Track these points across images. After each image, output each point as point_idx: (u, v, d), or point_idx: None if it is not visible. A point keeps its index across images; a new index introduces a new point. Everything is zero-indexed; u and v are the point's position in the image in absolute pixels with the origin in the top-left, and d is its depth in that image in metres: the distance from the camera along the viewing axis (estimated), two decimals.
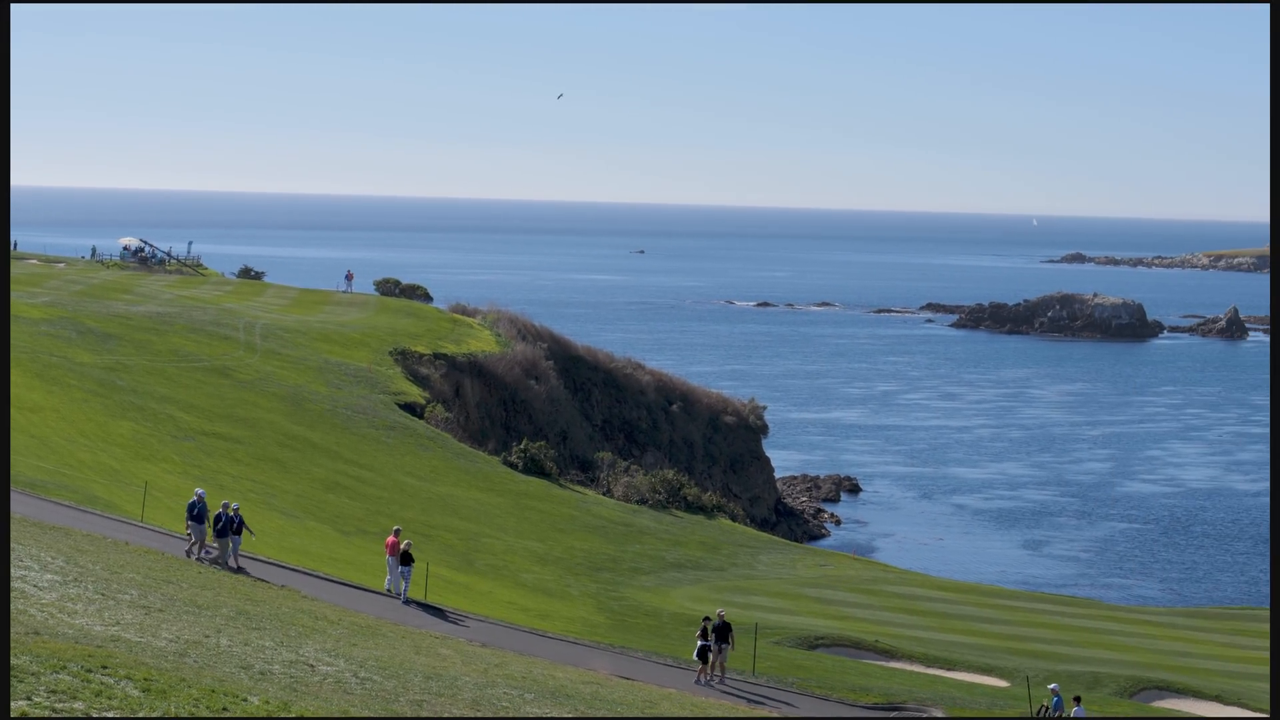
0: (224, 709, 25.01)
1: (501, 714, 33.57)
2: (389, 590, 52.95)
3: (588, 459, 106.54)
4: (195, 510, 50.24)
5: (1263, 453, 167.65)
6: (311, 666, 33.61)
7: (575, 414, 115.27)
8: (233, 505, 50.92)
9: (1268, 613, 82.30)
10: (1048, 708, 47.86)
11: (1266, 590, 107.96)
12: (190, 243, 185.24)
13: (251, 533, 52.61)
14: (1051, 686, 48.88)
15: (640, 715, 40.05)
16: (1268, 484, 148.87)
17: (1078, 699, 47.62)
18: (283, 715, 26.03)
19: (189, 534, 50.50)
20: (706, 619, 50.56)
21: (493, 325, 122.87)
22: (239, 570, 49.95)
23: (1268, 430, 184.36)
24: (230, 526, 50.22)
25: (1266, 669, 65.48)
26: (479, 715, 32.86)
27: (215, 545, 50.43)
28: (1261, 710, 56.01)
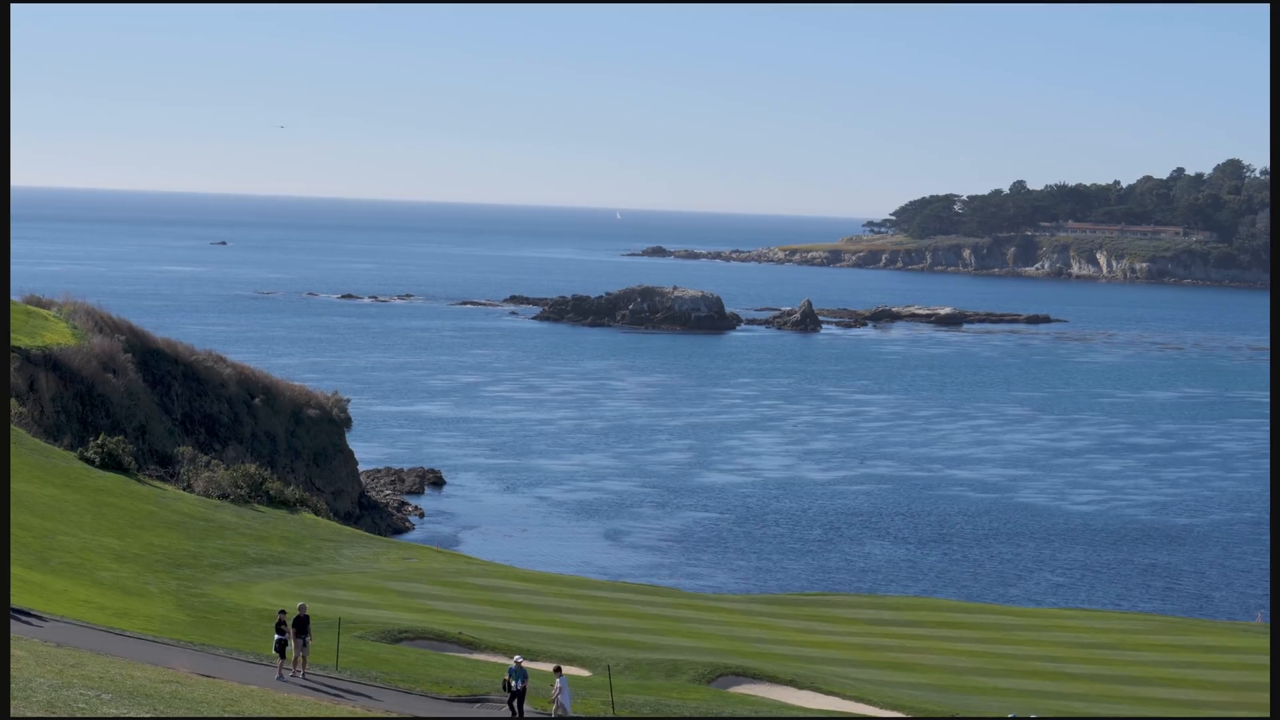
0: None
1: (78, 715, 32.82)
2: None
3: (168, 453, 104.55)
4: None
5: (835, 442, 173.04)
6: None
7: (154, 408, 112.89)
8: None
9: (843, 598, 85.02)
10: None
11: (839, 577, 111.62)
12: None
13: None
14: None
15: (221, 714, 39.53)
16: (839, 473, 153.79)
17: None
18: None
19: None
20: (283, 612, 50.08)
21: (69, 317, 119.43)
22: None
23: (839, 420, 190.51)
24: None
25: (838, 653, 67.73)
26: (54, 717, 32.08)
27: None
28: (833, 693, 57.92)
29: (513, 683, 47.07)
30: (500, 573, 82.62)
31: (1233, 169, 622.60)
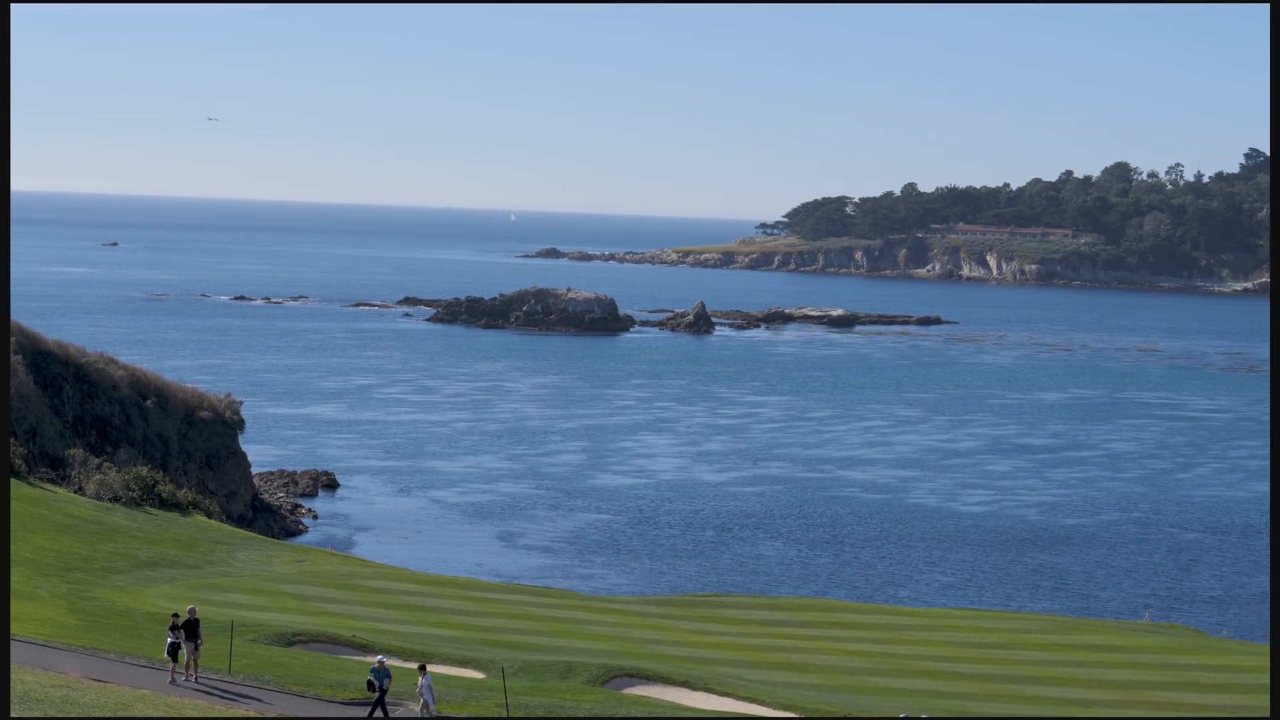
0: None
1: None
2: None
3: (58, 456, 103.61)
4: None
5: (728, 444, 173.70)
6: None
7: (45, 410, 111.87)
8: None
9: (736, 599, 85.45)
10: None
11: (732, 578, 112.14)
12: None
13: None
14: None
15: (113, 717, 39.41)
16: (732, 475, 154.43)
17: None
18: None
19: None
20: (175, 615, 49.91)
21: None
22: None
23: (732, 422, 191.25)
24: None
25: (731, 654, 68.11)
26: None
27: None
28: (726, 693, 58.28)
29: (376, 683, 47.26)
30: (394, 575, 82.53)
31: (1120, 171, 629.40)
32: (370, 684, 47.38)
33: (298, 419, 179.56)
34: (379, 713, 47.02)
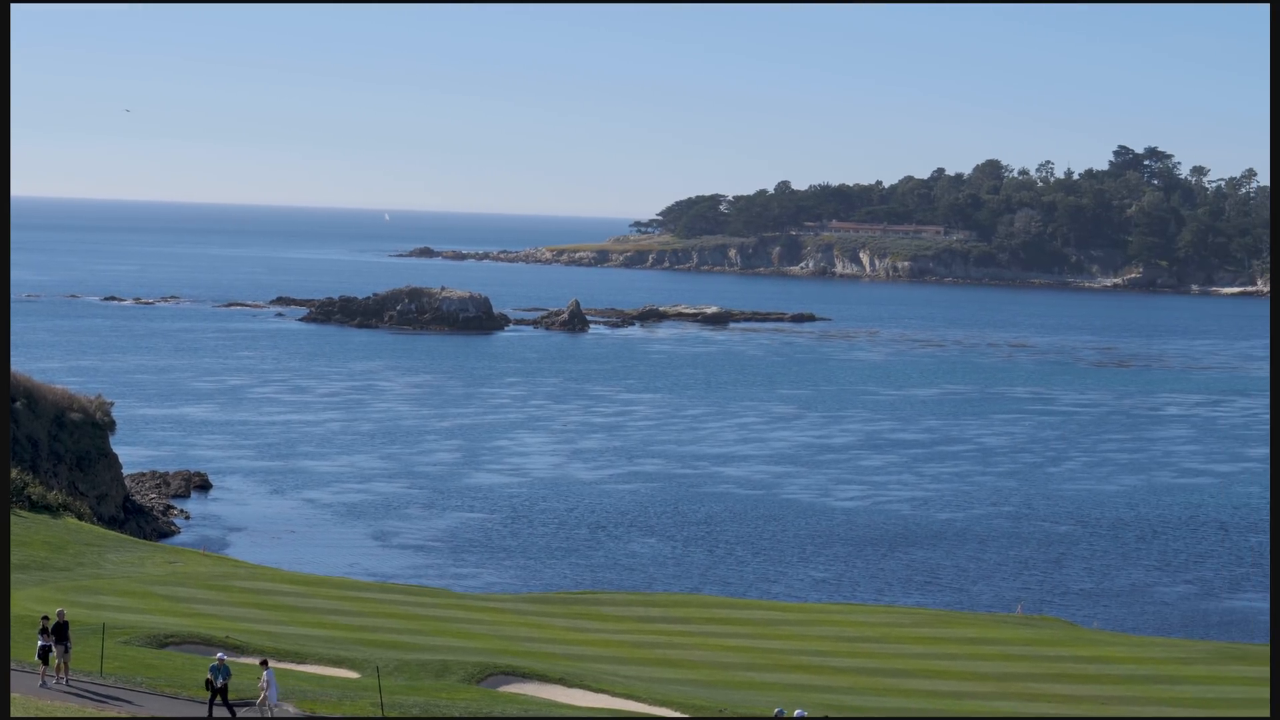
0: None
1: None
2: None
3: None
4: None
5: (603, 441, 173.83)
6: None
7: None
8: None
9: (611, 596, 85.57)
10: None
11: (607, 575, 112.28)
12: None
13: None
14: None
15: None
16: (607, 472, 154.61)
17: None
18: None
19: None
20: (45, 618, 49.41)
21: None
22: None
23: (607, 419, 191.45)
24: None
25: (607, 651, 68.20)
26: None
27: None
28: (602, 690, 58.36)
29: (215, 680, 47.11)
30: (267, 575, 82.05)
31: (991, 169, 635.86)
32: (208, 682, 47.23)
33: (169, 420, 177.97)
34: (221, 711, 46.87)
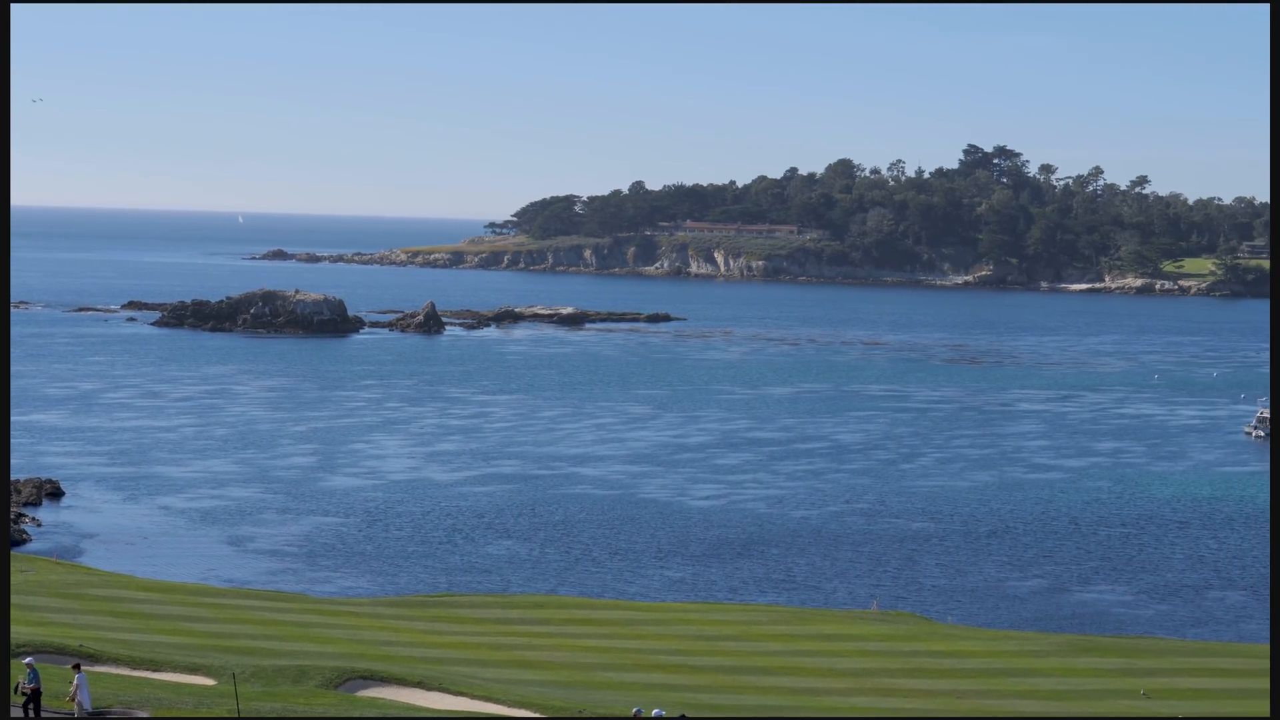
0: None
1: None
2: None
3: None
4: None
5: (460, 443, 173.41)
6: None
7: None
8: None
9: (469, 598, 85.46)
10: None
11: (464, 577, 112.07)
12: None
13: None
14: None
15: None
16: (464, 474, 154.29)
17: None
18: None
19: None
20: None
21: None
22: None
23: (464, 422, 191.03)
24: None
25: (465, 653, 68.14)
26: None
27: None
28: (461, 693, 58.34)
29: (26, 684, 46.77)
30: (121, 583, 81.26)
31: (844, 168, 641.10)
32: (18, 686, 46.84)
33: (19, 426, 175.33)
34: (32, 714, 46.51)
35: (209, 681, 56.76)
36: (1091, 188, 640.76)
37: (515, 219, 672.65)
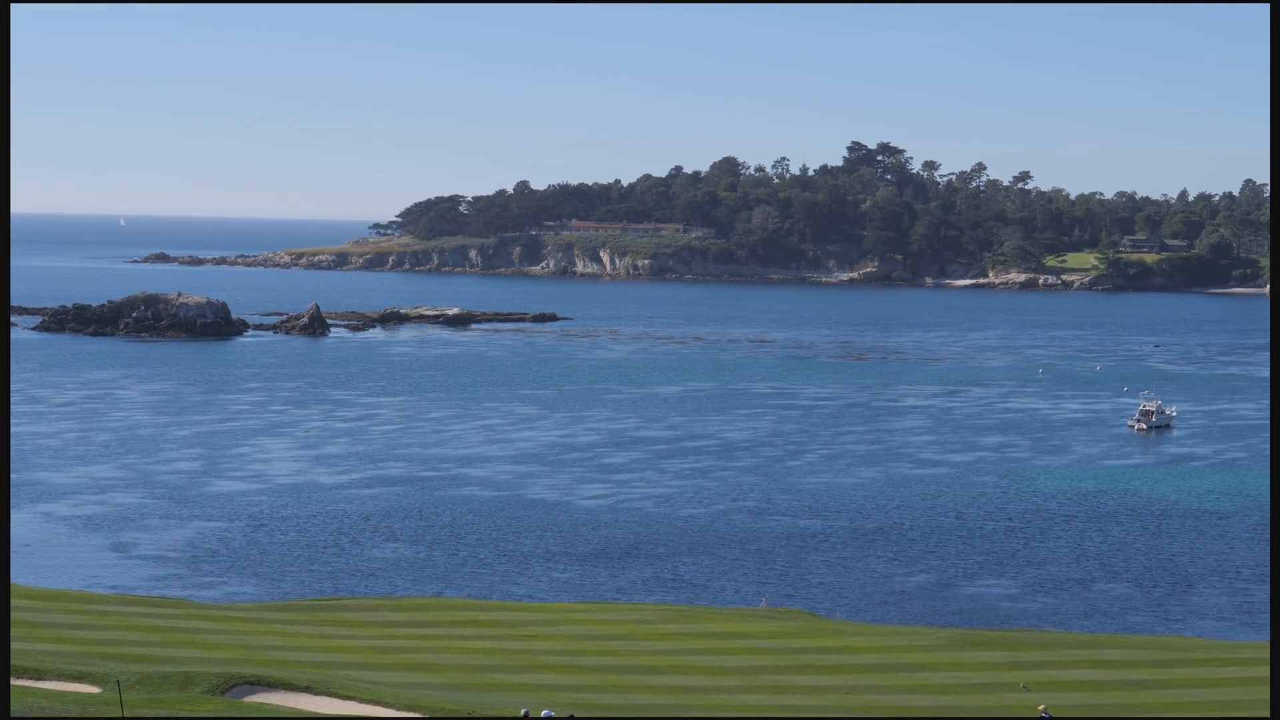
0: None
1: None
2: None
3: None
4: None
5: (346, 446, 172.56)
6: None
7: None
8: None
9: (357, 601, 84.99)
10: None
11: (351, 581, 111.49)
12: None
13: None
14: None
15: None
16: (350, 477, 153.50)
17: None
18: None
19: None
20: None
21: None
22: None
23: (350, 424, 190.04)
24: None
25: (353, 657, 67.72)
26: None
27: None
28: (349, 697, 58.02)
29: None
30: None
31: (729, 166, 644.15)
32: None
33: None
34: None
35: (93, 689, 56.13)
36: (975, 184, 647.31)
37: (400, 220, 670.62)
